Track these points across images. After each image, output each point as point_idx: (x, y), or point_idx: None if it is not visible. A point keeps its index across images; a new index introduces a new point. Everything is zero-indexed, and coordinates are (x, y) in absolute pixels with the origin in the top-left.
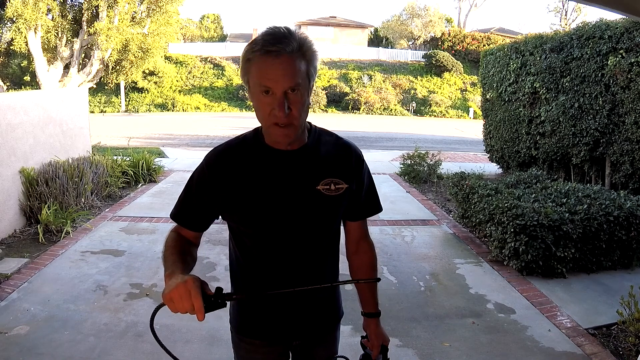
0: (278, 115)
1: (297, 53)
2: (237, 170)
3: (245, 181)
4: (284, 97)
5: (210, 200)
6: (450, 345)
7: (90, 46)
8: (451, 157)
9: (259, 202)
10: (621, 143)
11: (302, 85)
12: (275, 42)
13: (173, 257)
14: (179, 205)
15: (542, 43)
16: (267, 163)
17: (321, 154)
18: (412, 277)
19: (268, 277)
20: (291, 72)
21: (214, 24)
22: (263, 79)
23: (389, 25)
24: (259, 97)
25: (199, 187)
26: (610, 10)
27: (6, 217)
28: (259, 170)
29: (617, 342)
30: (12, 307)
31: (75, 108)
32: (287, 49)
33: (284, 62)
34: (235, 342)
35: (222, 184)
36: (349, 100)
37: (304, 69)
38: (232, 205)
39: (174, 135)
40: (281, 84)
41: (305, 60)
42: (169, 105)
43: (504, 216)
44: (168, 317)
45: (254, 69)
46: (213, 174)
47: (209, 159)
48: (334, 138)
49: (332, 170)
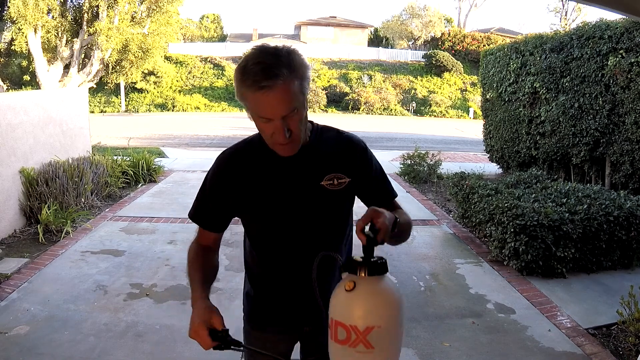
0: (279, 138)
1: (289, 77)
2: (245, 172)
3: (254, 182)
4: (282, 123)
5: (223, 201)
6: (450, 345)
7: (90, 46)
8: (451, 157)
9: (268, 201)
10: (621, 143)
11: (298, 105)
12: (267, 78)
13: (195, 275)
14: (195, 206)
15: (542, 43)
16: (273, 164)
17: (323, 151)
18: (412, 277)
19: (280, 271)
20: (287, 99)
21: (214, 24)
22: (259, 111)
23: (389, 25)
24: (259, 122)
25: (212, 190)
26: (610, 10)
27: (6, 217)
28: (265, 172)
29: (617, 342)
30: (12, 307)
31: (75, 108)
32: (280, 80)
33: (279, 92)
34: (246, 330)
35: (232, 186)
36: (349, 100)
37: (298, 88)
38: (243, 205)
39: (174, 135)
40: (279, 112)
41: (299, 78)
42: (169, 105)
43: (504, 216)
44: (168, 317)
45: (249, 100)
46: (223, 176)
47: (219, 162)
48: (335, 133)
49: (335, 165)
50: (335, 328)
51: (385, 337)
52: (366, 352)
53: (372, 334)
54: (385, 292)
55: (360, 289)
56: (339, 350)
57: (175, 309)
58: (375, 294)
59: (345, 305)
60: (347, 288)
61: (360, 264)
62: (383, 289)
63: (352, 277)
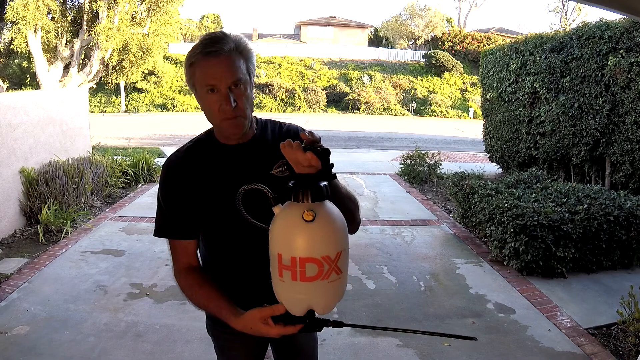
0: (226, 109)
1: (235, 52)
2: (195, 170)
3: (205, 179)
4: (228, 92)
5: (181, 205)
6: (450, 345)
7: (90, 46)
8: (451, 157)
9: (220, 196)
10: (621, 143)
11: (243, 80)
12: (214, 43)
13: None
14: (158, 223)
15: (542, 43)
16: (222, 158)
17: (269, 141)
18: (412, 277)
19: (237, 262)
20: (232, 68)
21: (214, 24)
22: (207, 78)
23: (389, 25)
24: (206, 97)
25: (166, 201)
26: (610, 10)
27: (6, 217)
28: (215, 167)
29: (617, 342)
30: (12, 307)
31: (75, 108)
32: (225, 48)
33: (224, 60)
34: (214, 334)
35: (184, 188)
36: (349, 100)
37: (243, 66)
38: (197, 203)
39: (174, 135)
40: (224, 80)
41: (244, 58)
42: (169, 105)
43: (504, 216)
44: (168, 317)
45: (198, 71)
46: (172, 183)
47: (165, 173)
48: (278, 125)
49: (281, 153)
50: (302, 266)
51: (346, 258)
52: (337, 278)
53: (341, 258)
54: (338, 213)
55: (322, 217)
56: (308, 289)
57: (175, 309)
58: (336, 218)
59: (312, 237)
60: (307, 219)
61: (314, 189)
62: (336, 211)
63: (305, 206)
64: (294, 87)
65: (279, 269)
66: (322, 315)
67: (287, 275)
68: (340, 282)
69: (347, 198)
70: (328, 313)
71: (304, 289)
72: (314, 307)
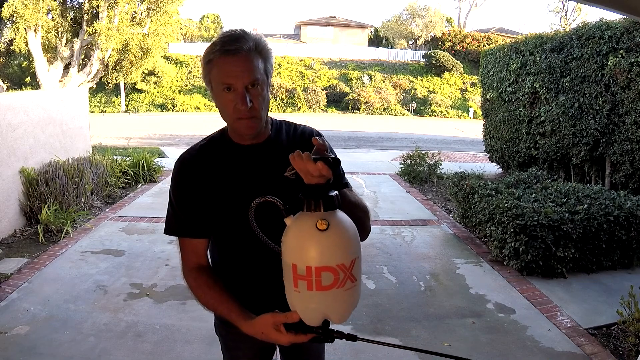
0: (241, 109)
1: (254, 51)
2: (208, 168)
3: (217, 178)
4: (245, 91)
5: (193, 204)
6: (450, 345)
7: (90, 46)
8: (451, 157)
9: (232, 196)
10: (621, 143)
11: (261, 80)
12: (233, 42)
13: (218, 306)
14: (169, 220)
15: (542, 43)
16: (236, 158)
17: (284, 143)
18: (412, 277)
19: (247, 264)
20: (250, 68)
21: (214, 24)
22: (224, 76)
23: (389, 25)
24: (222, 95)
25: (178, 199)
26: (610, 10)
27: (6, 217)
28: (228, 166)
29: (617, 342)
30: (12, 307)
31: (75, 108)
32: (245, 47)
33: (242, 59)
34: (221, 333)
35: (196, 185)
36: (349, 100)
37: (261, 66)
38: (209, 202)
39: (174, 135)
40: (241, 79)
41: (262, 58)
42: (169, 105)
43: (504, 216)
44: (168, 317)
45: (215, 68)
46: (186, 177)
47: (178, 170)
48: (293, 127)
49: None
50: (318, 275)
51: (360, 265)
52: (352, 286)
53: (355, 266)
54: (350, 220)
55: (335, 226)
56: (324, 298)
57: (175, 309)
58: (349, 226)
59: (327, 246)
60: (320, 228)
61: (326, 199)
62: (348, 219)
63: (318, 216)
64: (294, 87)
65: (294, 280)
66: (335, 327)
67: (302, 286)
68: (355, 290)
69: (356, 207)
70: (344, 322)
71: (319, 299)
72: (330, 316)
